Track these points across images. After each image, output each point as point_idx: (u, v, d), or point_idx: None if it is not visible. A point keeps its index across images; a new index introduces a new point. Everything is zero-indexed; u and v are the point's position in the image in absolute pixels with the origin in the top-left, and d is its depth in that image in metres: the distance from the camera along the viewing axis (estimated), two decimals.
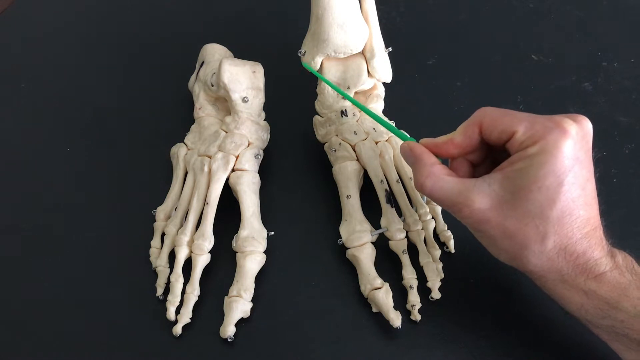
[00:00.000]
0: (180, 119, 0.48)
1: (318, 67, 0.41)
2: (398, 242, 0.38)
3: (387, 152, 0.41)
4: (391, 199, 0.39)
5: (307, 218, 0.42)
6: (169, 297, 0.37)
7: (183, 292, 0.37)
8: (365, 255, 0.37)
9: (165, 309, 0.37)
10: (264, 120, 0.43)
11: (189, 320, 0.37)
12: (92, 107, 0.51)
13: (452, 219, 0.40)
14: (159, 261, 0.39)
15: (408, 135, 0.35)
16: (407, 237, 0.38)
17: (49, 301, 0.39)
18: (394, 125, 0.36)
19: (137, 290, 0.39)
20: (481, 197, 0.29)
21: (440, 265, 0.38)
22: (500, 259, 0.32)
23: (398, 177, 0.40)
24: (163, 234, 0.41)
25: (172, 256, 0.39)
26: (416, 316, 0.36)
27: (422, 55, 0.53)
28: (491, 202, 0.29)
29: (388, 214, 0.38)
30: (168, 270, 0.39)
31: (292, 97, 0.49)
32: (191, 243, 0.39)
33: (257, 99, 0.42)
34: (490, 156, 0.33)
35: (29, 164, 0.47)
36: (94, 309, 0.38)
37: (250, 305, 0.37)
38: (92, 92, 0.53)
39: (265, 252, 0.39)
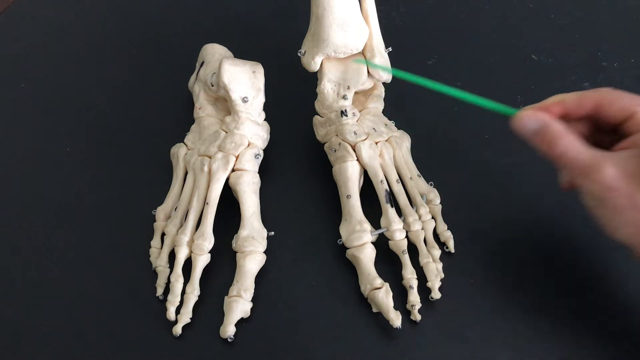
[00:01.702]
0: (180, 119, 0.48)
1: (318, 67, 0.41)
2: (398, 242, 0.38)
3: (387, 152, 0.41)
4: (391, 199, 0.39)
5: (307, 218, 0.42)
6: (169, 297, 0.37)
7: (183, 292, 0.37)
8: (365, 255, 0.37)
9: (165, 309, 0.37)
10: (264, 120, 0.43)
11: (189, 320, 0.36)
12: (92, 107, 0.51)
13: (452, 219, 0.40)
14: (159, 261, 0.39)
15: (509, 107, 0.34)
16: (407, 237, 0.38)
17: (48, 301, 0.39)
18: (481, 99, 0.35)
19: (137, 290, 0.39)
20: (613, 164, 0.29)
21: (440, 265, 0.38)
22: (618, 235, 0.30)
23: (398, 177, 0.40)
24: (163, 234, 0.41)
25: (172, 256, 0.39)
26: (416, 316, 0.36)
27: (422, 55, 0.53)
28: (623, 172, 0.29)
29: (388, 214, 0.38)
30: (168, 270, 0.39)
31: (292, 97, 0.49)
32: (191, 243, 0.39)
33: (257, 99, 0.42)
34: (591, 138, 0.33)
35: (29, 164, 0.47)
36: (94, 309, 0.38)
37: (250, 305, 0.37)
38: (92, 92, 0.53)
39: (265, 252, 0.39)
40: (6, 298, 0.40)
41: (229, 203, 0.41)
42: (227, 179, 0.40)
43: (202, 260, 0.38)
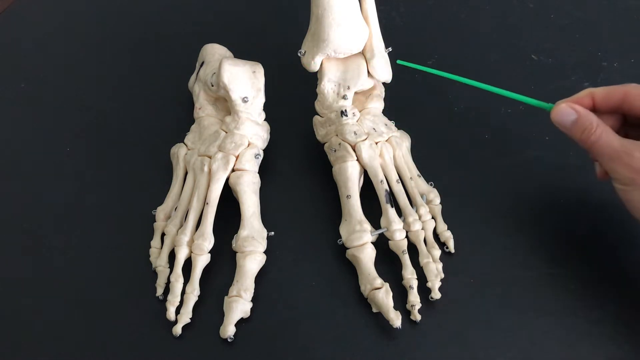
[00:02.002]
0: (180, 119, 0.48)
1: (318, 67, 0.41)
2: (398, 242, 0.38)
3: (387, 152, 0.41)
4: (391, 199, 0.39)
5: (307, 218, 0.42)
6: (169, 297, 0.37)
7: (183, 292, 0.37)
8: (365, 255, 0.37)
9: (165, 309, 0.37)
10: (264, 120, 0.43)
11: (189, 320, 0.36)
12: (92, 107, 0.51)
13: (452, 219, 0.40)
14: (159, 261, 0.39)
15: (545, 102, 0.37)
16: (407, 237, 0.38)
17: (48, 301, 0.39)
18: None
19: (137, 290, 0.39)
20: None
21: (440, 265, 0.38)
22: None
23: (398, 177, 0.40)
24: (163, 234, 0.41)
25: (172, 256, 0.39)
26: (416, 316, 0.36)
27: (422, 55, 0.53)
28: None
29: (388, 214, 0.38)
30: (168, 270, 0.39)
31: (292, 97, 0.49)
32: (191, 243, 0.39)
33: (257, 99, 0.42)
34: (621, 132, 0.36)
35: (29, 164, 0.47)
36: (94, 309, 0.38)
37: (250, 305, 0.37)
38: (92, 92, 0.53)
39: (265, 252, 0.39)
40: (6, 298, 0.40)
41: (229, 203, 0.41)
42: (227, 179, 0.40)
43: (202, 260, 0.38)
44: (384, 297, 0.35)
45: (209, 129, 0.43)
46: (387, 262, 0.38)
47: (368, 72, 0.42)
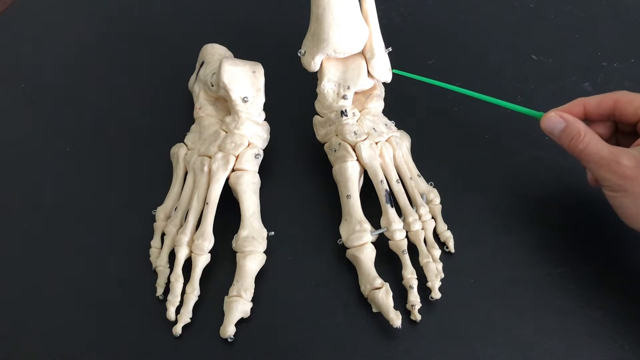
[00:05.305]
0: (180, 119, 0.48)
1: (318, 67, 0.41)
2: (398, 242, 0.38)
3: (387, 152, 0.41)
4: (391, 199, 0.39)
5: (307, 218, 0.42)
6: (169, 297, 0.37)
7: (183, 292, 0.37)
8: (365, 255, 0.37)
9: (165, 309, 0.37)
10: (264, 120, 0.43)
11: (189, 320, 0.36)
12: (92, 107, 0.51)
13: (452, 219, 0.40)
14: (159, 261, 0.39)
15: (536, 111, 0.38)
16: (407, 237, 0.38)
17: (49, 301, 0.39)
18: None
19: (137, 290, 0.39)
20: (629, 157, 0.33)
21: (440, 265, 0.38)
22: (637, 222, 0.33)
23: (398, 177, 0.40)
24: (163, 234, 0.41)
25: (172, 256, 0.39)
26: (416, 316, 0.36)
27: (422, 55, 0.53)
28: (639, 163, 0.32)
29: (388, 214, 0.38)
30: (168, 270, 0.39)
31: (292, 97, 0.49)
32: (191, 243, 0.39)
33: (257, 99, 0.42)
34: (612, 139, 0.37)
35: (29, 164, 0.47)
36: (94, 309, 0.38)
37: (250, 305, 0.37)
38: (92, 92, 0.53)
39: (265, 252, 0.39)
40: (6, 298, 0.40)
41: (229, 203, 0.41)
42: (227, 179, 0.40)
43: (202, 260, 0.38)
44: (384, 297, 0.35)
45: (209, 129, 0.43)
46: (387, 262, 0.38)
47: (368, 72, 0.42)
